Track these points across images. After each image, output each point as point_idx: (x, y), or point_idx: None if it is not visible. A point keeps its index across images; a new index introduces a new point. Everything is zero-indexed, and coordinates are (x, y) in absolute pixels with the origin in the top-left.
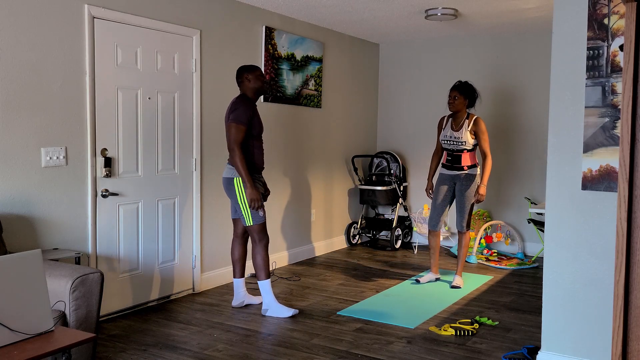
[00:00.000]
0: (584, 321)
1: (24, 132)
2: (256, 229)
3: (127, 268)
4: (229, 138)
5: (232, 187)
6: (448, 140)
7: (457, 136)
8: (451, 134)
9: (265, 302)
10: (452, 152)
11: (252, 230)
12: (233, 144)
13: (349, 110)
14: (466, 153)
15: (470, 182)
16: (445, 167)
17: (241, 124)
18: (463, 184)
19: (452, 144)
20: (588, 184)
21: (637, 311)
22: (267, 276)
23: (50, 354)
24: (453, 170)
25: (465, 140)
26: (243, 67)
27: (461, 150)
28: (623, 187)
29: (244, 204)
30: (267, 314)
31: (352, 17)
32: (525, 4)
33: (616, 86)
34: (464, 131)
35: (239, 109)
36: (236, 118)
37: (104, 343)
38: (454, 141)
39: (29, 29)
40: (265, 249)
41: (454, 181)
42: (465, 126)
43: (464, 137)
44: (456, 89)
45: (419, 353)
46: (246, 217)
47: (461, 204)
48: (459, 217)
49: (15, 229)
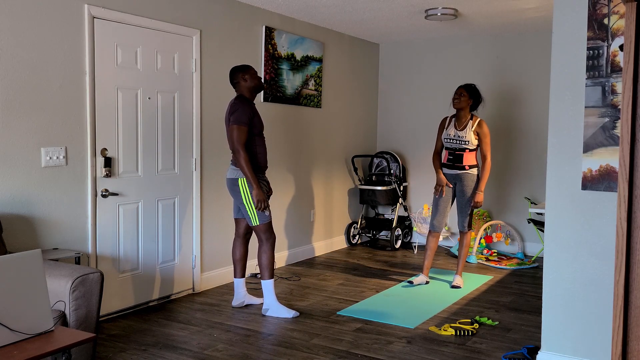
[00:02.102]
0: (584, 321)
1: (24, 132)
2: (263, 228)
3: (127, 268)
4: (232, 140)
5: (236, 188)
6: (451, 139)
7: (461, 135)
8: (455, 133)
9: (266, 302)
10: (454, 152)
11: (258, 230)
12: (237, 145)
13: (349, 110)
14: (468, 152)
15: (471, 182)
16: (446, 166)
17: (242, 125)
18: (464, 184)
19: (455, 143)
20: (588, 184)
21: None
22: (271, 276)
23: (50, 353)
24: (454, 170)
25: (468, 140)
26: (236, 67)
27: (463, 150)
28: (623, 187)
29: (249, 205)
30: (267, 313)
31: (352, 17)
32: (525, 4)
33: (616, 86)
34: (467, 130)
35: (239, 110)
36: (237, 119)
37: (104, 343)
38: (458, 140)
39: (29, 29)
40: (271, 249)
41: (455, 181)
42: (469, 126)
43: (467, 136)
44: (463, 87)
45: (419, 353)
46: (252, 217)
47: (462, 205)
48: (460, 218)
49: (15, 229)
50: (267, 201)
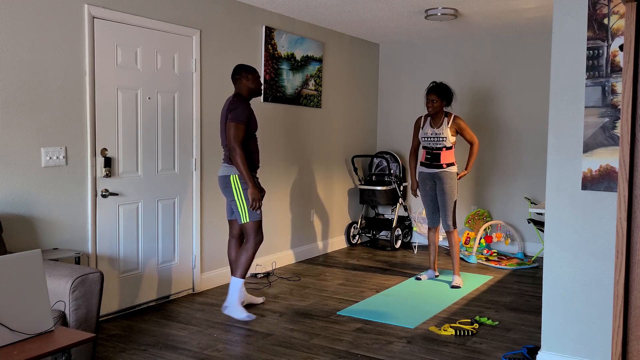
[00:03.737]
0: (584, 321)
1: (24, 132)
2: (252, 226)
3: (127, 268)
4: (230, 137)
5: (228, 185)
6: (428, 138)
7: (437, 132)
8: (432, 132)
9: (229, 299)
10: (432, 150)
11: (247, 227)
12: (234, 142)
13: (349, 110)
14: (445, 151)
15: (449, 179)
16: (424, 165)
17: (240, 123)
18: (443, 182)
19: (433, 142)
20: (588, 184)
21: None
22: (243, 276)
23: (50, 354)
24: (432, 169)
25: (445, 137)
26: (243, 65)
27: (440, 148)
28: (623, 187)
29: (240, 201)
30: (225, 311)
31: (352, 17)
32: (525, 4)
33: (616, 86)
34: (444, 127)
35: (238, 109)
36: (236, 117)
37: (104, 343)
38: (435, 138)
39: (29, 29)
40: (254, 248)
41: (434, 180)
42: (445, 123)
43: (444, 133)
44: (433, 92)
45: (419, 353)
46: (242, 214)
47: (443, 203)
48: (443, 217)
49: (15, 229)
50: (261, 201)
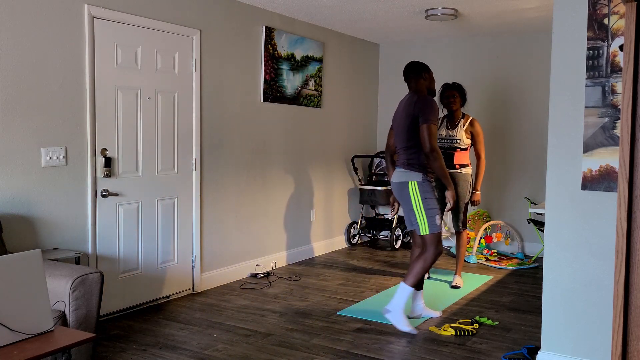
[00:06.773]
0: (584, 321)
1: (24, 132)
2: (431, 238)
3: (127, 268)
4: (424, 139)
5: (405, 192)
6: (442, 139)
7: (452, 134)
8: (447, 133)
9: (392, 303)
10: (445, 151)
11: (426, 239)
12: (433, 144)
13: (349, 110)
14: (459, 152)
15: (462, 181)
16: None
17: (433, 123)
18: (455, 183)
19: (447, 143)
20: (588, 184)
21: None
22: (413, 284)
23: (50, 354)
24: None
25: (460, 139)
26: (422, 64)
27: (454, 149)
28: (623, 187)
29: (420, 212)
30: (387, 315)
31: (352, 17)
32: (525, 4)
33: (616, 86)
34: (459, 129)
35: (429, 108)
36: (429, 118)
37: (104, 343)
38: (449, 140)
39: (29, 29)
40: (433, 259)
41: None
42: (460, 125)
43: (458, 135)
44: (454, 88)
45: (419, 353)
46: (422, 226)
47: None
48: (454, 218)
49: (15, 229)
50: (439, 208)
